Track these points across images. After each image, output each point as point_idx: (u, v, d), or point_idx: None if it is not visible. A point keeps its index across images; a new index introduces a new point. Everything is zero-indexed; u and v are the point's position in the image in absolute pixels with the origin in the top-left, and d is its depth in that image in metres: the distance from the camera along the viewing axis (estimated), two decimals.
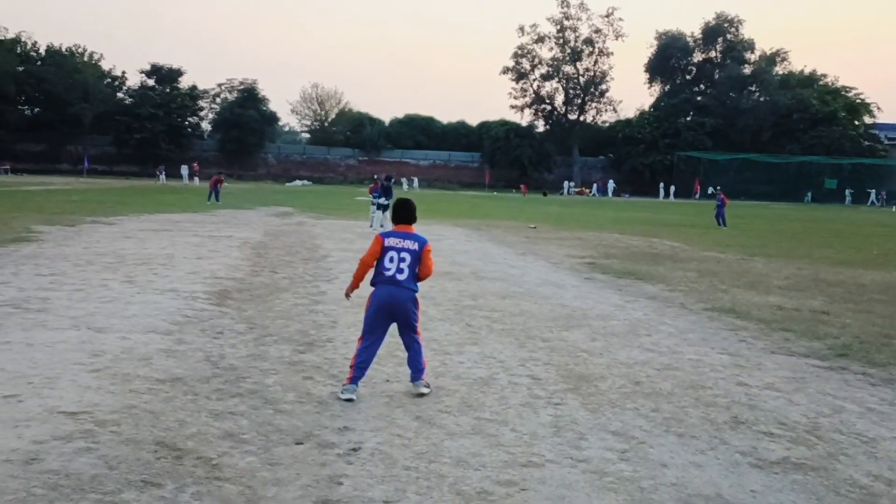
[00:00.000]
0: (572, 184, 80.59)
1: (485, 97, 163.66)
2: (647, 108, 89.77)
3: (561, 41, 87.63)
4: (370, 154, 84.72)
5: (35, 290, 9.22)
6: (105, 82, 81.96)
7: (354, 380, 5.43)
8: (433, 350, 6.86)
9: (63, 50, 79.39)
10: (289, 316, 8.41)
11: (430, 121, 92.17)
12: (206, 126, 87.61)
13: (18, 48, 77.99)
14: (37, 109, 78.77)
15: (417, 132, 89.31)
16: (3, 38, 76.21)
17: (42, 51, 79.71)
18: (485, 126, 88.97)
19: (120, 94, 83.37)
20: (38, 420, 4.58)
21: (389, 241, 5.54)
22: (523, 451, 4.49)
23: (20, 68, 75.28)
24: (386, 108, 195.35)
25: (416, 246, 5.54)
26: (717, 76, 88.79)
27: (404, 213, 5.74)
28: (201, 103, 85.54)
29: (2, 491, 3.55)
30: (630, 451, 4.56)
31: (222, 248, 15.05)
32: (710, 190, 50.83)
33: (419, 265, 5.54)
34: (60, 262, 11.78)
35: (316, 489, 3.80)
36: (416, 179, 76.81)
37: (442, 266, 13.40)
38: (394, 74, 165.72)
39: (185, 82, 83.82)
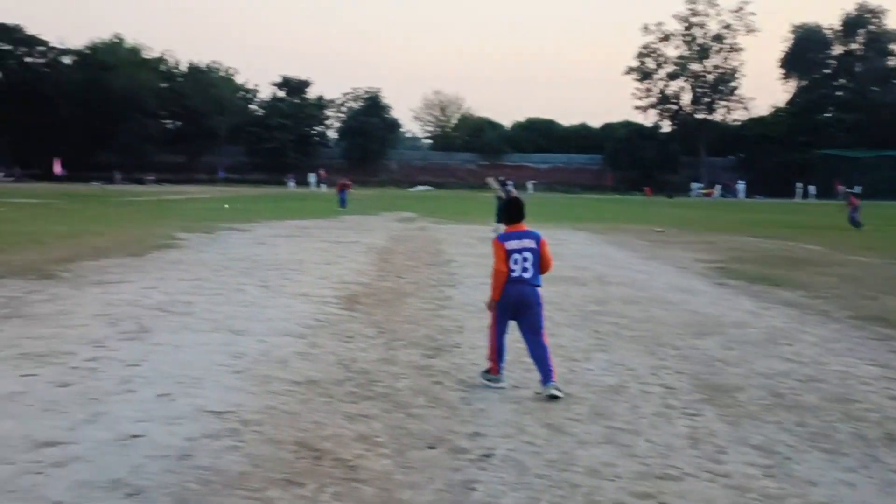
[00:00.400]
0: (700, 185, 77.99)
1: (607, 99, 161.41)
2: (781, 104, 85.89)
3: (688, 38, 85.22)
4: (490, 158, 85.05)
5: (179, 293, 9.77)
6: (239, 95, 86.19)
7: (500, 369, 5.78)
8: (559, 356, 6.80)
9: (202, 66, 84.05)
10: (416, 320, 8.55)
11: (550, 124, 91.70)
12: (331, 134, 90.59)
13: (162, 66, 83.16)
14: (178, 123, 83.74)
15: (538, 136, 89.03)
16: (148, 57, 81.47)
17: (183, 68, 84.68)
18: (607, 128, 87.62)
19: (252, 107, 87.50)
20: (188, 418, 4.85)
21: (510, 245, 5.73)
22: (659, 462, 4.37)
23: (163, 85, 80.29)
24: (507, 113, 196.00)
25: (534, 244, 5.80)
26: (858, 69, 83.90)
27: (516, 213, 5.98)
28: (327, 112, 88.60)
29: (161, 484, 3.79)
30: (775, 467, 4.37)
31: (349, 253, 15.48)
32: (844, 189, 47.88)
33: (540, 260, 5.80)
34: (200, 268, 12.43)
35: (450, 494, 3.84)
36: (530, 183, 76.50)
37: (564, 271, 13.26)
38: (515, 79, 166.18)
39: (312, 93, 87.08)
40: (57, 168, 66.89)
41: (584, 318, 8.97)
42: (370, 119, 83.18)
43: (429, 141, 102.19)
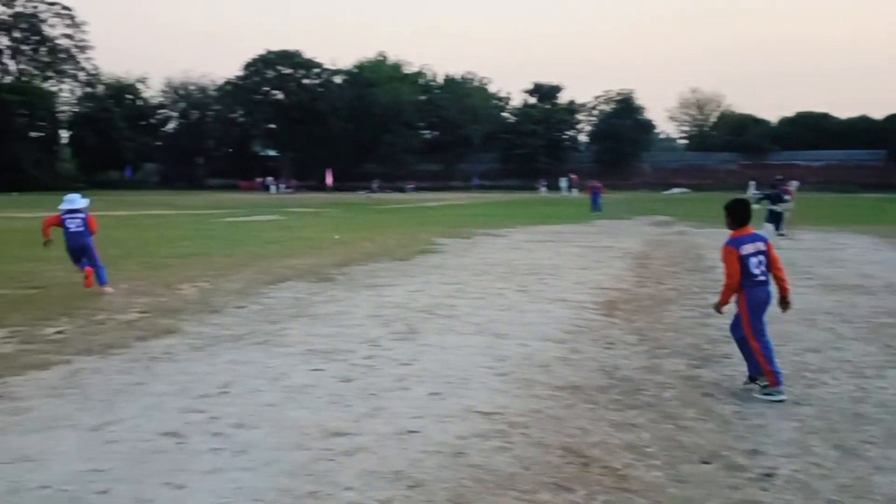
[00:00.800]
0: None
1: (892, 87, 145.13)
2: None
3: None
4: (753, 157, 79.93)
5: (443, 297, 10.27)
6: (492, 104, 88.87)
7: (779, 382, 5.61)
8: (847, 372, 6.23)
9: (457, 78, 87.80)
10: (679, 328, 8.27)
11: (823, 117, 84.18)
12: (582, 138, 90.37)
13: (421, 80, 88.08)
14: (435, 133, 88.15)
15: (808, 131, 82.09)
16: (408, 72, 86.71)
17: (440, 80, 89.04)
18: (893, 119, 78.72)
19: (504, 114, 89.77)
20: (458, 417, 5.08)
21: (746, 249, 5.76)
22: None
23: (422, 97, 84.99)
24: (772, 108, 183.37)
25: (765, 246, 5.82)
26: None
27: (745, 215, 5.97)
28: (579, 117, 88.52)
29: (438, 479, 4.01)
30: None
31: (605, 258, 15.34)
32: None
33: (770, 262, 5.80)
34: (461, 272, 12.96)
35: None
36: (794, 183, 70.27)
37: (847, 278, 12.16)
38: (780, 72, 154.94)
39: (563, 98, 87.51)
40: (328, 179, 73.19)
41: (874, 331, 8.13)
42: (622, 121, 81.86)
43: (684, 141, 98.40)
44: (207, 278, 11.85)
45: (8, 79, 74.99)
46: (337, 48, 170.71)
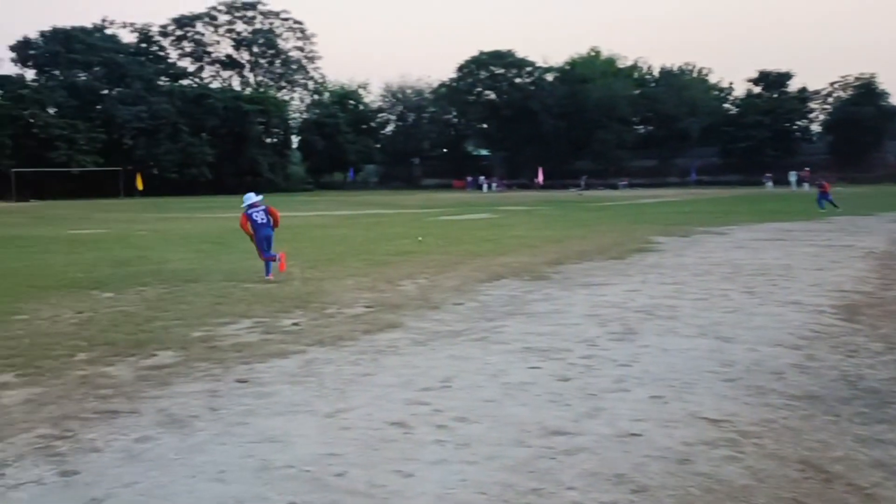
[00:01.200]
0: None
1: None
2: None
3: None
4: None
5: (662, 297, 9.95)
6: (712, 95, 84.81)
7: None
8: None
9: (674, 70, 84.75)
10: None
11: None
12: (815, 128, 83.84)
13: (636, 73, 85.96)
14: (650, 128, 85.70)
15: None
16: (622, 66, 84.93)
17: (656, 73, 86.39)
18: None
19: (726, 105, 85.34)
20: (683, 423, 4.90)
21: None
22: None
23: (636, 91, 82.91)
24: None
25: None
26: None
27: None
28: (811, 105, 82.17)
29: (663, 485, 3.88)
30: None
31: (843, 258, 14.11)
32: None
33: None
34: (680, 272, 12.49)
35: None
36: None
37: None
38: None
39: (793, 85, 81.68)
40: (540, 177, 73.49)
41: None
42: (862, 108, 74.82)
43: None
44: (426, 275, 12.32)
45: (248, 90, 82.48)
46: (549, 46, 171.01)
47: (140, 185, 61.90)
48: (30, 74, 70.34)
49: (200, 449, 4.55)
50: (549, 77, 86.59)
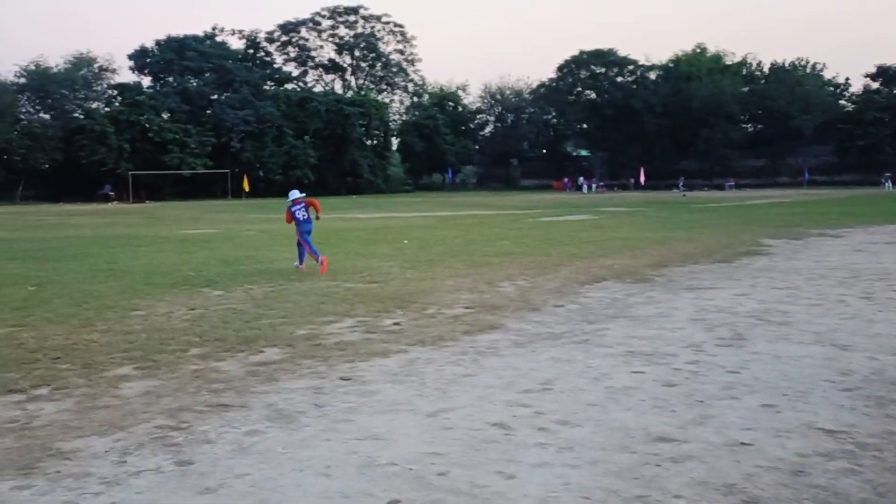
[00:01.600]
0: None
1: None
2: None
3: None
4: None
5: (773, 302, 9.57)
6: (826, 91, 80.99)
7: None
8: None
9: (786, 65, 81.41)
10: None
11: None
12: None
13: (744, 70, 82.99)
14: (759, 126, 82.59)
15: None
16: (730, 62, 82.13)
17: (765, 69, 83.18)
18: None
19: (841, 102, 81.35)
20: (797, 433, 4.69)
21: None
22: None
23: (745, 89, 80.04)
24: None
25: None
26: None
27: None
28: None
29: (776, 497, 3.73)
30: None
31: None
32: None
33: None
34: (793, 276, 11.99)
35: None
36: None
37: None
38: None
39: None
40: (642, 178, 71.96)
41: None
42: None
43: None
44: (526, 276, 12.27)
45: (349, 93, 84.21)
46: (652, 43, 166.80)
47: (247, 187, 64.15)
48: (146, 82, 74.10)
49: (307, 444, 4.67)
50: (652, 75, 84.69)
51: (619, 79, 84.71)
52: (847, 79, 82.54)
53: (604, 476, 4.08)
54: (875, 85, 78.18)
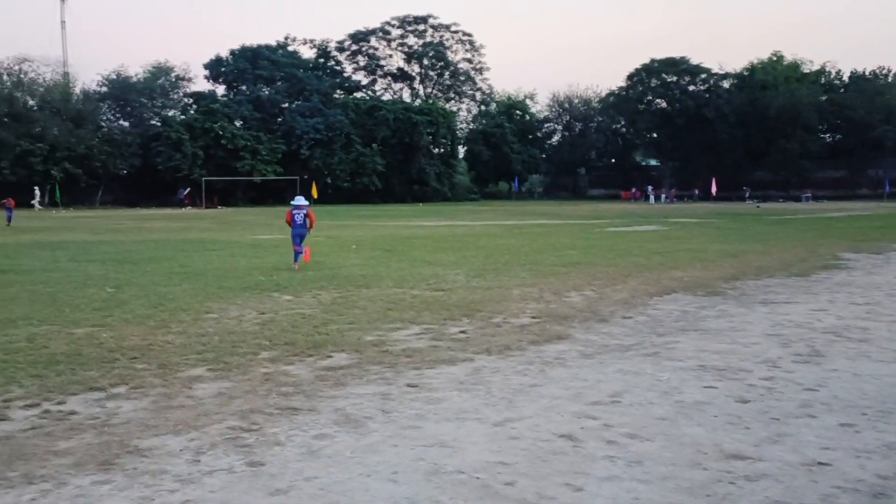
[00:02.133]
0: None
1: None
2: None
3: None
4: None
5: (852, 318, 9.26)
6: None
7: None
8: None
9: (866, 73, 78.78)
10: None
11: None
12: None
13: (822, 79, 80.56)
14: (838, 136, 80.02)
15: None
16: (807, 71, 79.82)
17: (845, 77, 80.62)
18: None
19: None
20: (877, 454, 4.52)
21: None
22: None
23: (823, 98, 77.68)
24: None
25: None
26: None
27: None
28: None
29: None
30: None
31: None
32: None
33: None
34: (873, 291, 11.58)
35: None
36: None
37: None
38: None
39: None
40: (713, 188, 70.39)
41: None
42: None
43: None
44: (593, 287, 12.14)
45: (417, 101, 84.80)
46: (726, 51, 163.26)
47: (315, 194, 65.18)
48: (220, 90, 76.06)
49: (374, 449, 4.71)
50: (726, 84, 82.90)
51: (691, 87, 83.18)
52: None
53: (674, 492, 4.00)
54: None
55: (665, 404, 5.66)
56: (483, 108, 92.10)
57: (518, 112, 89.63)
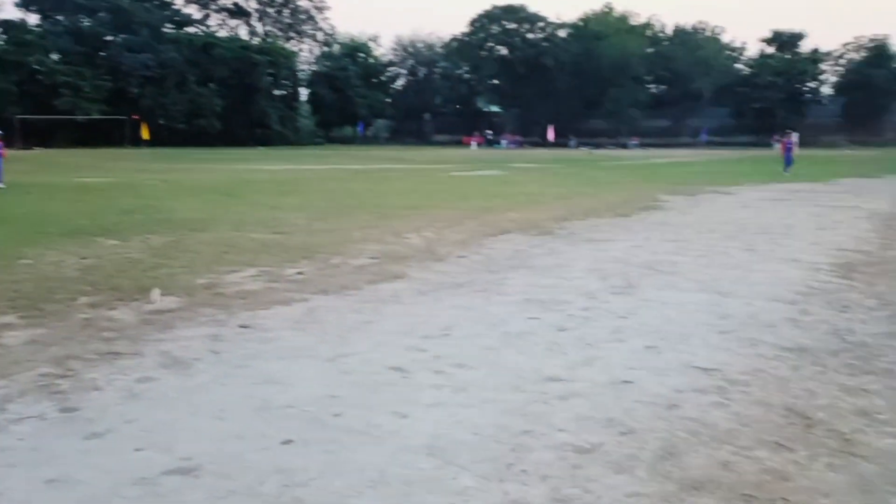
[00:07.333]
0: None
1: None
2: None
3: None
4: None
5: (664, 253, 10.01)
6: (725, 55, 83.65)
7: None
8: None
9: (688, 28, 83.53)
10: None
11: None
12: (826, 91, 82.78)
13: (649, 31, 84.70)
14: (662, 87, 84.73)
15: None
16: (636, 23, 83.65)
17: (669, 31, 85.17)
18: None
19: (738, 66, 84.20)
20: (675, 371, 5.00)
21: None
22: None
23: (650, 50, 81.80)
24: None
25: None
26: None
27: None
28: (822, 67, 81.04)
29: (650, 428, 4.00)
30: None
31: (847, 218, 14.12)
32: None
33: None
34: (684, 230, 12.52)
35: None
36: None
37: None
38: None
39: (806, 46, 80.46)
40: (550, 135, 72.97)
41: None
42: (874, 71, 73.88)
43: None
44: (433, 229, 12.38)
45: (256, 40, 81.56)
46: (562, 1, 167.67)
47: (146, 135, 61.62)
48: (33, 19, 69.54)
49: (202, 389, 4.67)
50: (563, 33, 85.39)
51: (531, 35, 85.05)
52: (743, 43, 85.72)
53: (494, 414, 4.26)
54: (770, 50, 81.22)
55: (492, 335, 5.95)
56: (325, 49, 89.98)
57: (361, 55, 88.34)
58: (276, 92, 77.61)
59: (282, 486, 3.41)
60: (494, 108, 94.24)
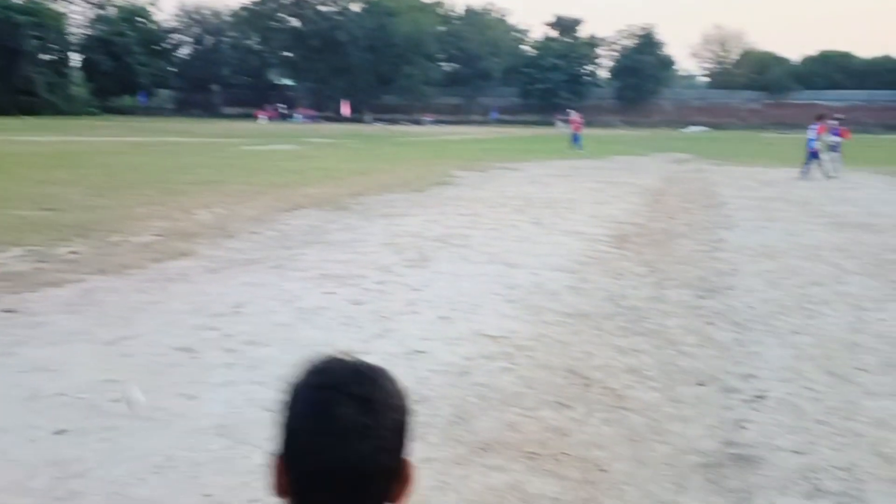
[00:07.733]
0: None
1: None
2: None
3: None
4: (776, 96, 78.56)
5: (457, 227, 10.33)
6: (512, 37, 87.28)
7: None
8: (847, 304, 6.29)
9: (477, 9, 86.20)
10: (688, 261, 8.32)
11: (846, 56, 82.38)
12: (604, 74, 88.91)
13: (440, 10, 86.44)
14: (455, 66, 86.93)
15: (832, 70, 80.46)
16: (428, 1, 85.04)
17: (460, 11, 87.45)
18: None
19: (524, 47, 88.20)
20: (466, 340, 5.19)
21: None
22: None
23: (442, 28, 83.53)
24: (795, 46, 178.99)
25: None
26: None
27: None
28: (599, 51, 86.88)
29: (443, 395, 4.13)
30: None
31: (621, 193, 15.30)
32: None
33: None
34: (476, 204, 12.98)
35: (721, 430, 3.80)
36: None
37: (858, 217, 12.13)
38: (803, 10, 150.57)
39: (584, 32, 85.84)
40: (345, 110, 72.66)
41: (879, 266, 8.17)
42: (644, 57, 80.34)
43: (706, 79, 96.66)
44: (224, 205, 11.94)
45: (18, 0, 74.02)
46: None
47: None
48: None
49: None
50: (356, 8, 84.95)
51: (323, 8, 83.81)
52: (529, 26, 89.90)
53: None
54: (554, 33, 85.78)
55: (286, 311, 5.86)
56: (100, 12, 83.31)
57: (141, 20, 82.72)
58: (44, 56, 70.91)
59: (54, 479, 3.17)
60: (287, 82, 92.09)
